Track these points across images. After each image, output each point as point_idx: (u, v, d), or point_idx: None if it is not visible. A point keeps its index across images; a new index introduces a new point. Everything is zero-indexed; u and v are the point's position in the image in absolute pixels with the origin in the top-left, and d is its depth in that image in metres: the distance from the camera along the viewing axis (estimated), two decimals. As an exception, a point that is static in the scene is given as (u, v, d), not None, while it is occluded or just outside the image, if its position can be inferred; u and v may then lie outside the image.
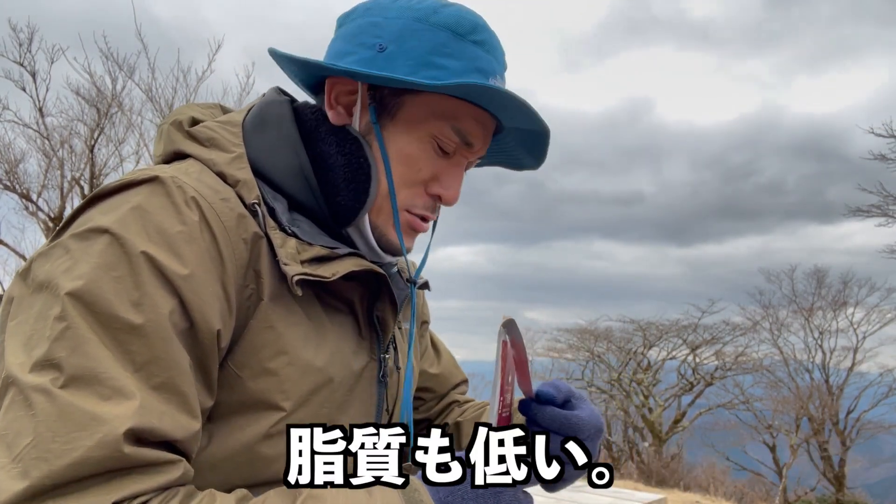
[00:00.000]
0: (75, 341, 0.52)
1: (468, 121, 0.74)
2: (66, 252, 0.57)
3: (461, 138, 0.74)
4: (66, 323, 0.53)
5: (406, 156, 0.74)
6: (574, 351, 19.80)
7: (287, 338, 0.65)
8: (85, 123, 9.71)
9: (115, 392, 0.52)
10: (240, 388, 0.63)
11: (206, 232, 0.61)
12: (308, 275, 0.65)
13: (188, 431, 0.56)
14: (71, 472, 0.49)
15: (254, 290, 0.64)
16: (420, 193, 0.76)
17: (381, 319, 0.77)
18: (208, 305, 0.59)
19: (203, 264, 0.59)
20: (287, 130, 0.74)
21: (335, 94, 0.75)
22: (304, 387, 0.66)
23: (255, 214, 0.66)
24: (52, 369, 0.51)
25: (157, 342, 0.55)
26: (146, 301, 0.55)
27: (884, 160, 11.75)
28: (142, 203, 0.59)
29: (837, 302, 17.55)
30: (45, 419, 0.49)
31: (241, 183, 0.68)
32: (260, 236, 0.65)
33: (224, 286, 0.61)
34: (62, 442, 0.49)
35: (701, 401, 18.15)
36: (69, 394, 0.50)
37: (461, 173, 0.78)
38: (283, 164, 0.72)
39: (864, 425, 16.44)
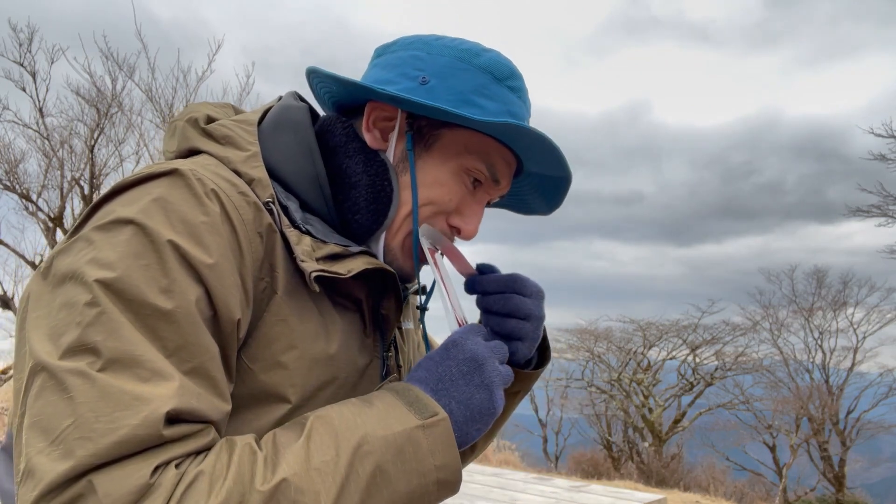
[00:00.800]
0: (110, 325, 0.53)
1: (498, 160, 0.78)
2: (90, 243, 0.58)
3: (491, 175, 0.78)
4: (99, 308, 0.53)
5: (438, 183, 0.77)
6: (574, 351, 19.79)
7: (298, 332, 0.67)
8: (85, 123, 9.71)
9: (154, 374, 0.53)
10: (251, 381, 0.64)
11: (227, 224, 0.62)
12: (325, 272, 0.66)
13: (222, 413, 0.58)
14: (116, 451, 0.49)
15: (268, 283, 0.66)
16: (440, 223, 0.79)
17: (385, 318, 0.79)
18: (230, 295, 0.60)
19: (225, 255, 0.61)
20: (304, 136, 0.76)
21: (374, 118, 0.78)
22: (312, 381, 0.68)
23: (269, 212, 0.67)
24: (87, 354, 0.52)
25: (188, 328, 0.56)
26: (175, 288, 0.56)
27: (884, 160, 11.75)
28: (163, 194, 0.60)
29: (837, 302, 17.55)
30: (86, 401, 0.50)
31: (255, 181, 0.69)
32: (274, 230, 0.67)
33: (242, 278, 0.62)
34: (106, 421, 0.50)
35: (701, 401, 18.16)
36: (109, 376, 0.51)
37: (482, 210, 0.81)
38: (298, 169, 0.74)
39: (864, 425, 16.43)
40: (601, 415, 18.63)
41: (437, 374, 0.66)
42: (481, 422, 0.66)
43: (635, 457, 16.97)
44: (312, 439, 0.56)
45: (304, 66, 0.81)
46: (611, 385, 18.90)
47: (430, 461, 0.59)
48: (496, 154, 0.78)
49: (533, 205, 0.90)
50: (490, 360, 0.67)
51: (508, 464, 10.49)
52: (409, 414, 0.61)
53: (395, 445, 0.58)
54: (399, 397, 0.63)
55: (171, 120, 0.77)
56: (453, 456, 0.61)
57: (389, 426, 0.59)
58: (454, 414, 0.64)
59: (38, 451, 0.50)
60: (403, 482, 0.58)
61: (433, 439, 0.60)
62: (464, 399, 0.65)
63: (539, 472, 10.47)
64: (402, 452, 0.58)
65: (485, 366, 0.67)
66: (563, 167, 0.77)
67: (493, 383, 0.66)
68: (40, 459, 0.49)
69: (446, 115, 0.72)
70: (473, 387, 0.65)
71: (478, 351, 0.68)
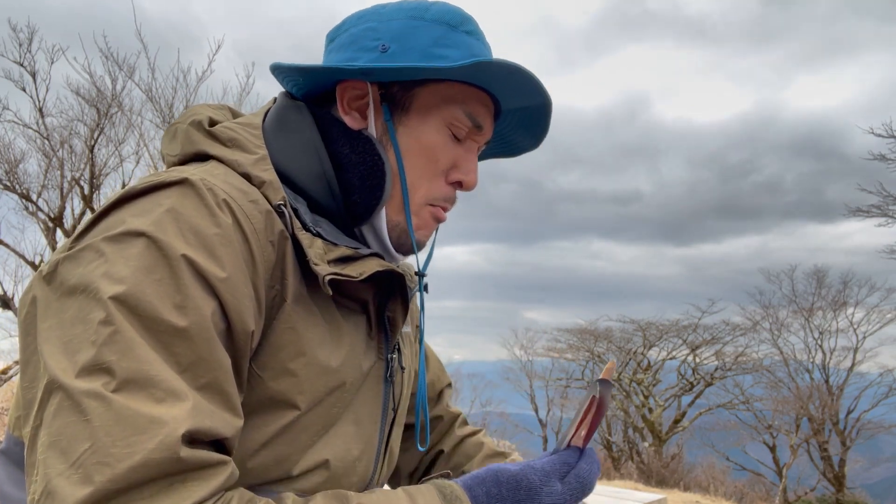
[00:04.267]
0: (124, 345, 0.52)
1: (475, 105, 0.78)
2: (101, 255, 0.57)
3: (472, 121, 0.78)
4: (113, 327, 0.53)
5: (425, 147, 0.76)
6: (574, 351, 19.81)
7: (306, 339, 0.66)
8: (85, 123, 9.71)
9: (169, 394, 0.52)
10: (260, 388, 0.64)
11: (239, 234, 0.61)
12: (338, 275, 0.66)
13: (235, 429, 0.57)
14: (133, 476, 0.49)
15: (279, 291, 0.65)
16: (441, 185, 0.78)
17: (391, 320, 0.78)
18: (244, 307, 0.60)
19: (238, 266, 0.60)
20: (310, 134, 0.76)
21: (347, 99, 0.77)
22: (320, 387, 0.67)
23: (281, 215, 0.67)
24: (102, 374, 0.51)
25: (201, 343, 0.55)
26: (189, 304, 0.56)
27: (884, 160, 11.75)
28: (175, 205, 0.60)
29: (837, 302, 17.56)
30: (103, 424, 0.49)
31: (266, 184, 0.68)
32: (285, 237, 0.66)
33: (255, 288, 0.62)
34: (122, 445, 0.49)
35: (701, 401, 18.17)
36: (124, 398, 0.50)
37: (475, 158, 0.81)
38: (306, 168, 0.74)
39: (864, 425, 16.44)
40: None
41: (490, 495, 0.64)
42: None
43: (635, 457, 16.97)
44: None
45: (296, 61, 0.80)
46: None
47: None
48: (472, 100, 0.77)
49: (519, 142, 0.89)
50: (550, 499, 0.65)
51: (508, 464, 10.47)
52: None
53: None
54: (442, 498, 0.62)
55: (172, 123, 0.77)
56: None
57: None
58: None
59: (59, 474, 0.49)
60: None
61: None
62: None
63: (539, 472, 10.42)
64: None
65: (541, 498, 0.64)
66: (541, 92, 0.76)
67: None
68: (60, 482, 0.49)
69: (415, 72, 0.72)
70: None
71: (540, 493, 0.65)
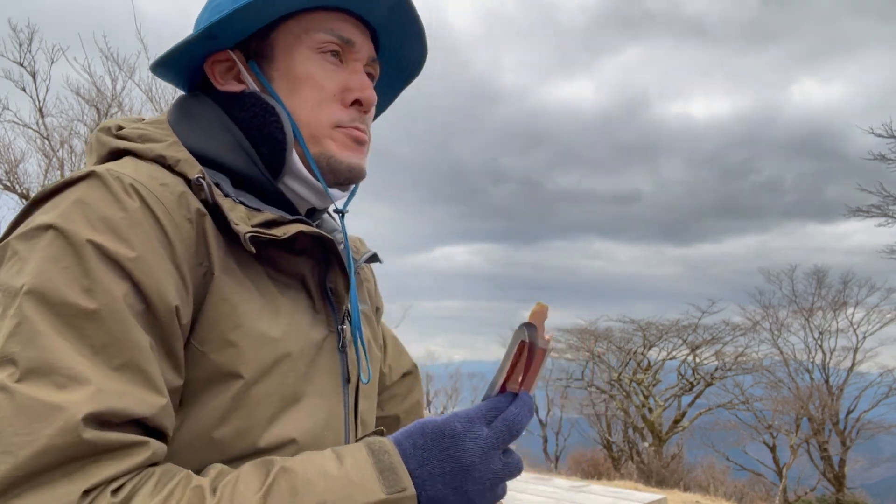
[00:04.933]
0: (28, 335, 0.53)
1: (336, 22, 0.79)
2: (14, 254, 0.59)
3: (338, 37, 0.78)
4: (18, 319, 0.54)
5: (302, 79, 0.77)
6: (574, 351, 19.80)
7: (241, 310, 0.67)
8: (85, 123, 9.70)
9: (71, 380, 0.53)
10: (204, 363, 0.64)
11: (149, 215, 0.62)
12: (260, 233, 0.67)
13: (154, 407, 0.57)
14: (36, 463, 0.49)
15: (207, 266, 0.66)
16: (338, 109, 0.78)
17: (333, 291, 0.79)
18: (162, 284, 0.60)
19: (150, 246, 0.61)
20: (212, 113, 0.78)
21: (218, 72, 0.80)
22: (264, 357, 0.67)
23: (200, 188, 0.68)
24: (7, 365, 0.53)
25: (113, 325, 0.56)
26: (97, 287, 0.57)
27: (884, 160, 11.75)
28: (81, 196, 0.61)
29: (837, 302, 17.55)
30: (5, 415, 0.50)
31: (181, 161, 0.69)
32: (203, 213, 0.67)
33: (176, 265, 0.63)
34: (24, 434, 0.50)
35: (701, 401, 18.16)
36: (25, 387, 0.52)
37: (364, 76, 0.80)
38: (219, 141, 0.75)
39: (864, 425, 16.42)
40: (601, 415, 18.63)
41: (421, 459, 0.62)
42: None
43: (635, 457, 16.97)
44: (271, 495, 0.55)
45: None
46: (611, 385, 18.90)
47: None
48: (330, 20, 0.79)
49: (409, 53, 0.89)
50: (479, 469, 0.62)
51: (508, 464, 10.46)
52: (377, 484, 0.59)
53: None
54: (373, 459, 0.61)
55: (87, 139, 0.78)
56: None
57: (351, 496, 0.57)
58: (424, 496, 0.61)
59: None
60: None
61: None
62: (436, 496, 0.61)
63: (539, 472, 10.46)
64: None
65: (470, 474, 0.62)
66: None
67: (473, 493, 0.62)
68: None
69: (252, 18, 0.75)
70: (450, 489, 0.61)
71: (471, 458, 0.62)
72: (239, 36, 0.78)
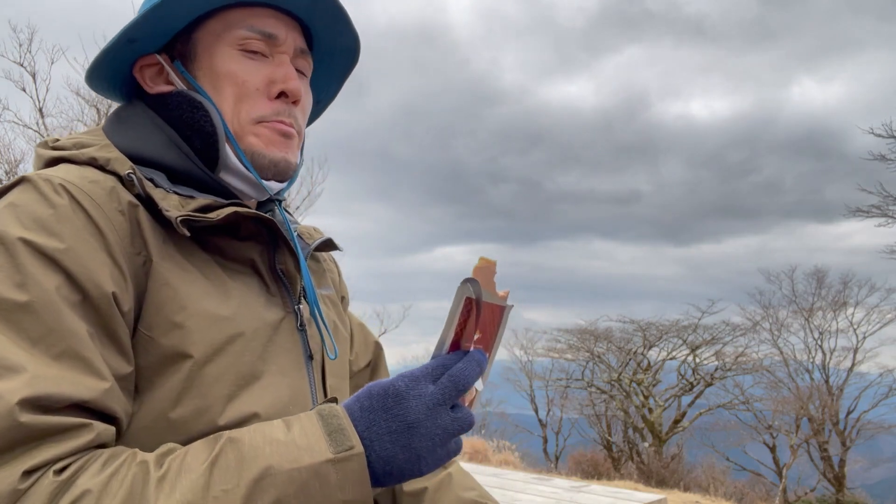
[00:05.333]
0: None
1: (257, 18, 0.79)
2: None
3: (259, 32, 0.79)
4: None
5: (224, 74, 0.78)
6: (574, 351, 19.81)
7: (184, 292, 0.68)
8: (85, 123, 9.71)
9: (7, 370, 0.54)
10: (154, 348, 0.66)
11: (79, 210, 0.64)
12: (191, 216, 0.69)
13: (95, 391, 0.58)
14: None
15: (145, 255, 0.68)
16: (263, 102, 0.79)
17: (285, 272, 0.81)
18: (95, 273, 0.62)
19: (81, 238, 0.63)
20: (145, 115, 0.80)
21: (147, 77, 0.82)
22: (215, 336, 0.69)
23: (132, 183, 0.70)
24: None
25: (48, 316, 0.58)
26: (29, 280, 0.58)
27: (884, 160, 11.75)
28: (13, 200, 0.64)
29: (837, 302, 17.56)
30: None
31: (112, 160, 0.72)
32: (135, 205, 0.69)
33: (110, 255, 0.65)
34: None
35: (701, 401, 18.17)
36: None
37: (291, 67, 0.81)
38: (153, 141, 0.77)
39: (864, 425, 16.43)
40: (601, 415, 18.63)
41: (368, 420, 0.62)
42: (401, 478, 0.63)
43: (635, 457, 16.97)
44: (217, 464, 0.56)
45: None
46: (611, 385, 18.90)
47: (337, 496, 0.58)
48: (252, 17, 0.79)
49: (342, 42, 0.90)
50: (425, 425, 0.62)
51: (508, 464, 10.49)
52: (325, 445, 0.59)
53: (299, 480, 0.57)
54: (322, 423, 0.61)
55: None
56: (364, 492, 0.60)
57: (298, 458, 0.58)
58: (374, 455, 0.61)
59: None
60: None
61: (344, 474, 0.59)
62: (386, 455, 0.61)
63: (539, 472, 10.46)
64: (306, 487, 0.57)
65: (416, 431, 0.62)
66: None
67: (422, 450, 0.62)
68: None
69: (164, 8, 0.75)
70: (399, 447, 0.61)
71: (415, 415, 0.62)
72: (162, 39, 0.80)
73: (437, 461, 0.63)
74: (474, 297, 0.65)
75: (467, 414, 0.65)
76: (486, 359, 0.67)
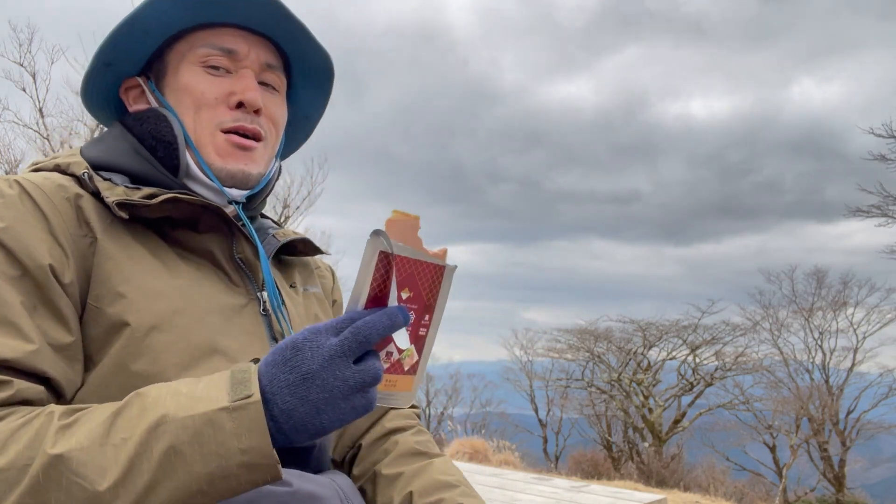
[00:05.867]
0: None
1: (218, 36, 0.86)
2: None
3: (219, 49, 0.86)
4: None
5: (186, 87, 0.85)
6: (574, 351, 19.80)
7: (127, 266, 0.75)
8: (85, 123, 9.70)
9: None
10: (101, 319, 0.72)
11: (26, 199, 0.73)
12: (128, 200, 0.76)
13: (20, 352, 0.64)
14: None
15: (91, 236, 0.75)
16: (223, 111, 0.85)
17: (244, 261, 0.86)
18: (32, 247, 0.69)
19: (23, 219, 0.71)
20: (117, 130, 0.88)
21: (131, 97, 0.91)
22: (161, 308, 0.74)
23: (85, 179, 0.78)
24: None
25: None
26: None
27: (884, 160, 11.75)
28: None
29: (837, 302, 17.55)
30: None
31: (72, 164, 0.81)
32: (81, 195, 0.77)
33: (52, 234, 0.72)
34: None
35: (701, 401, 18.16)
36: None
37: (251, 80, 0.86)
38: (116, 151, 0.85)
39: (864, 425, 16.43)
40: (601, 415, 18.63)
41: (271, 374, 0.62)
42: (305, 431, 0.62)
43: (635, 457, 16.96)
44: (121, 415, 0.60)
45: None
46: (611, 385, 18.90)
47: (233, 444, 0.58)
48: (212, 35, 0.86)
49: (312, 58, 0.95)
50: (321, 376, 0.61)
51: (508, 464, 10.48)
52: (224, 395, 0.60)
53: (192, 427, 0.58)
54: (230, 377, 0.63)
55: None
56: (262, 440, 0.59)
57: (194, 407, 0.59)
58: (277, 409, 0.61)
59: None
60: (200, 464, 0.58)
61: (239, 422, 0.59)
62: (286, 408, 0.61)
63: (539, 472, 10.46)
64: (199, 434, 0.58)
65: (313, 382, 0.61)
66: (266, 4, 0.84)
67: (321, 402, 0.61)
68: None
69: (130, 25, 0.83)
70: (297, 399, 0.61)
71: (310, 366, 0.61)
72: (138, 62, 0.89)
73: (341, 415, 0.62)
74: (388, 250, 0.63)
75: (373, 367, 0.63)
76: (405, 316, 0.64)
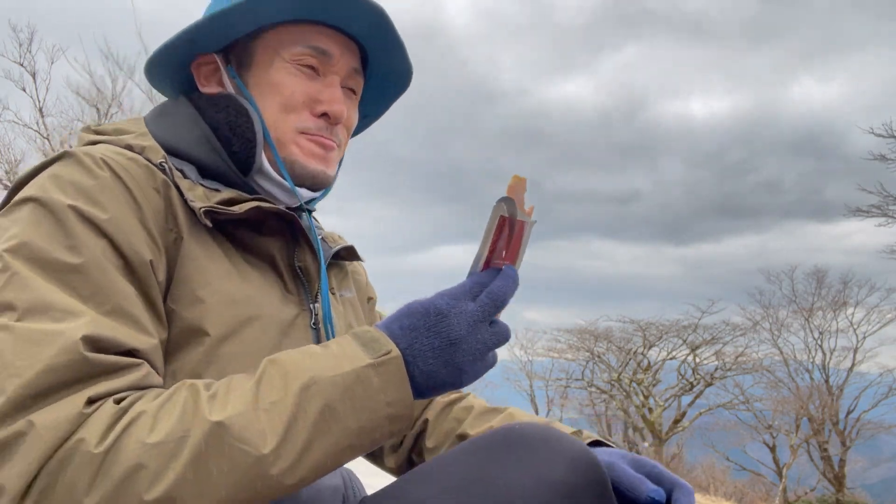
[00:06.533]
0: (22, 283, 0.58)
1: (315, 36, 0.82)
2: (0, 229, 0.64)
3: (314, 50, 0.82)
4: (9, 272, 0.58)
5: (273, 85, 0.81)
6: (574, 351, 19.81)
7: (209, 269, 0.72)
8: (85, 123, 9.71)
9: (67, 314, 0.57)
10: (177, 321, 0.69)
11: (119, 183, 0.68)
12: (215, 207, 0.72)
13: (144, 343, 0.62)
14: (42, 380, 0.53)
15: (176, 232, 0.71)
16: (306, 116, 0.82)
17: (303, 269, 0.83)
18: (135, 240, 0.66)
19: (121, 208, 0.67)
20: (186, 111, 0.83)
21: (201, 74, 0.85)
22: (230, 317, 0.71)
23: (162, 170, 0.73)
24: (6, 311, 0.57)
25: (98, 275, 0.61)
26: (79, 244, 0.62)
27: (884, 160, 11.75)
28: (56, 172, 0.67)
29: (837, 302, 17.56)
30: (8, 348, 0.54)
31: (146, 149, 0.75)
32: (169, 185, 0.73)
33: (145, 227, 0.68)
34: (27, 357, 0.54)
35: (701, 401, 18.17)
36: (26, 323, 0.56)
37: (338, 89, 0.84)
38: (187, 136, 0.80)
39: (864, 425, 16.44)
40: (601, 415, 18.64)
41: (410, 338, 0.64)
42: (443, 390, 0.66)
43: (635, 457, 16.95)
44: (262, 382, 0.59)
45: None
46: (611, 385, 18.90)
47: (381, 398, 0.61)
48: (310, 34, 0.82)
49: (397, 66, 0.92)
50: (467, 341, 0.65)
51: (508, 464, 10.46)
52: (362, 353, 0.62)
53: (342, 385, 0.60)
54: (356, 339, 0.64)
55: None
56: (405, 392, 0.62)
57: (339, 366, 0.61)
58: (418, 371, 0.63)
59: None
60: (353, 419, 0.60)
61: (384, 377, 0.61)
62: (429, 370, 0.64)
63: (539, 472, 10.41)
64: (350, 391, 0.60)
65: (459, 347, 0.64)
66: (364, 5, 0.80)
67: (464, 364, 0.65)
68: None
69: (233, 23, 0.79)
70: (441, 362, 0.64)
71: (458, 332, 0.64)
72: (222, 41, 0.83)
73: (477, 374, 0.67)
74: (508, 216, 0.67)
75: (504, 328, 0.69)
76: (517, 275, 0.70)
